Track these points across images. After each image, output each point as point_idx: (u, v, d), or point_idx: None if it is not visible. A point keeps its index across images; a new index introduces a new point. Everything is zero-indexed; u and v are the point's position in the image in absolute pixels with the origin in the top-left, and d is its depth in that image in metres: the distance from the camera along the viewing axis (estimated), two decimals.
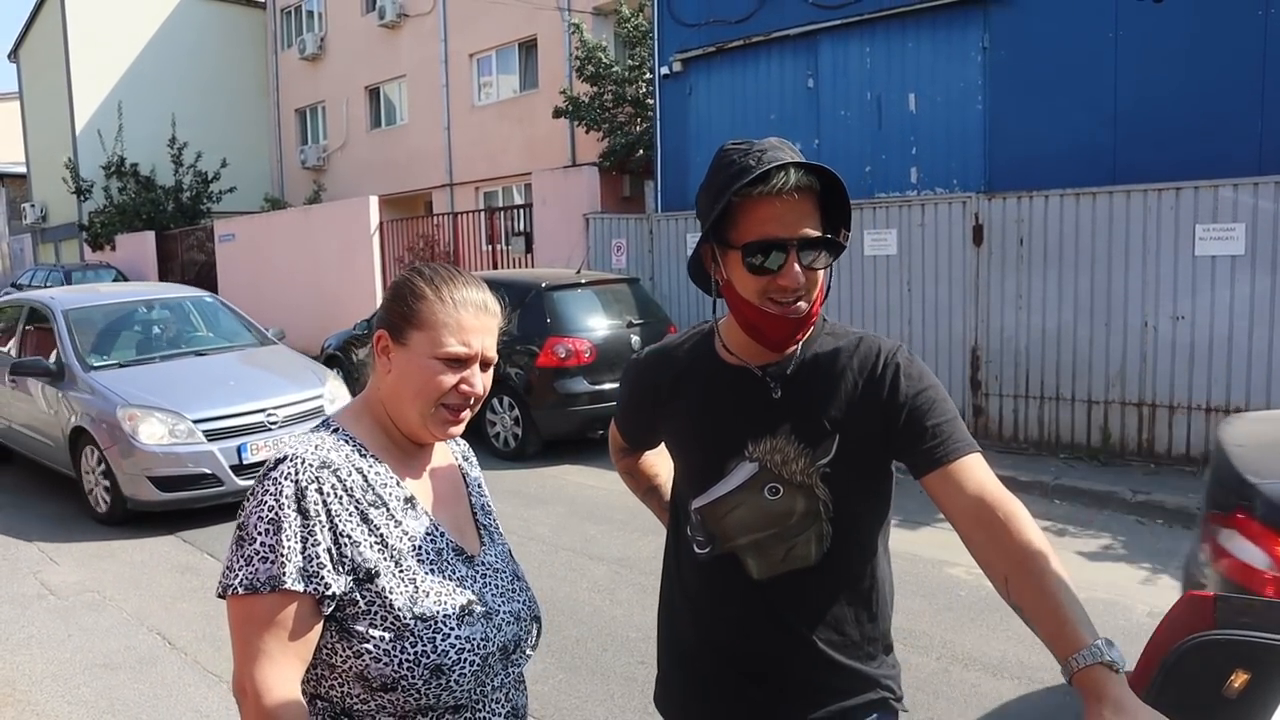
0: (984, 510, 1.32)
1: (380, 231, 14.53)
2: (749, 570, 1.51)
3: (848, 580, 1.52)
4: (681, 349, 1.63)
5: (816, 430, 1.46)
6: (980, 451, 1.41)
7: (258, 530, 1.24)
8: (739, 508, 1.49)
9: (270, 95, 25.76)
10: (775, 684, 1.53)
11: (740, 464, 1.49)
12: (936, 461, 1.38)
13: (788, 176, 1.37)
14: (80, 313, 7.62)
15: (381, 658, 1.26)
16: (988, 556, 1.31)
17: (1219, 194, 6.73)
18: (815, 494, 1.47)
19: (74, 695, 3.93)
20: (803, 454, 1.46)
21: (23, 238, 32.19)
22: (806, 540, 1.48)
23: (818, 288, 1.43)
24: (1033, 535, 1.28)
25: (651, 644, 4.24)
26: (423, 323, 1.36)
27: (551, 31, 17.26)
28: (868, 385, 1.46)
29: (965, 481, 1.35)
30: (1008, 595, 1.29)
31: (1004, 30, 8.54)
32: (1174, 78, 7.52)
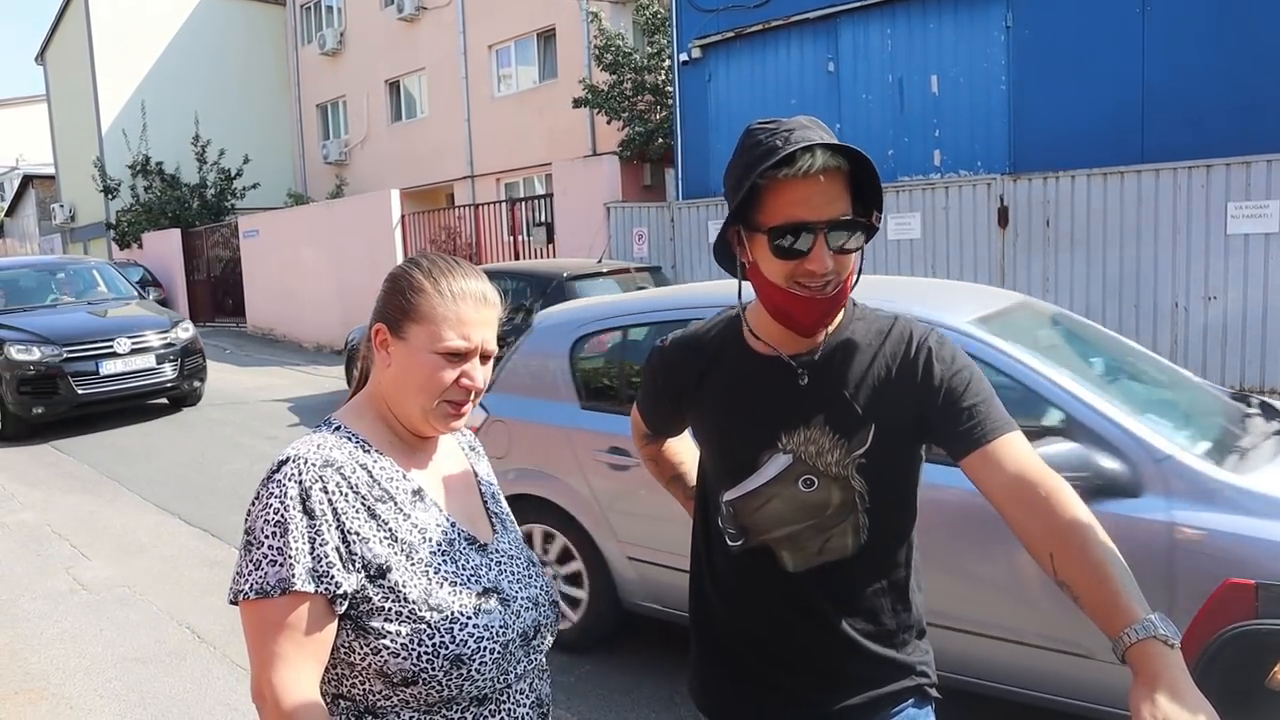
0: (1025, 488, 1.29)
1: (402, 224, 14.58)
2: (783, 563, 1.49)
3: (884, 569, 1.50)
4: (708, 336, 1.58)
5: (851, 420, 1.43)
6: (1018, 429, 1.37)
7: (264, 534, 1.23)
8: (773, 500, 1.46)
9: (291, 91, 25.93)
10: (808, 673, 1.51)
11: (774, 456, 1.46)
12: (975, 442, 1.35)
13: (814, 158, 1.31)
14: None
15: (400, 652, 1.25)
16: (1031, 534, 1.28)
17: (1251, 171, 6.60)
18: (851, 485, 1.44)
19: (105, 689, 3.97)
20: (838, 445, 1.43)
21: (52, 238, 32.66)
22: (843, 531, 1.46)
23: (848, 271, 1.38)
24: (1077, 509, 1.25)
25: (673, 634, 4.23)
26: (421, 316, 1.34)
27: (570, 21, 17.22)
28: (901, 371, 1.42)
29: (1005, 460, 1.32)
30: (1054, 573, 1.25)
31: (1027, 8, 8.40)
32: (1203, 53, 7.37)
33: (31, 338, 9.38)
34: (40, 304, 10.74)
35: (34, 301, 10.75)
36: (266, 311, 18.23)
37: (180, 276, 21.81)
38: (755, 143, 1.37)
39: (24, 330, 9.53)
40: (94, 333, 9.68)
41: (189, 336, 10.36)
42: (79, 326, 9.88)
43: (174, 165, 23.55)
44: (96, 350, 9.46)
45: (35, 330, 9.54)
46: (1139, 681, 1.08)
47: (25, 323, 9.76)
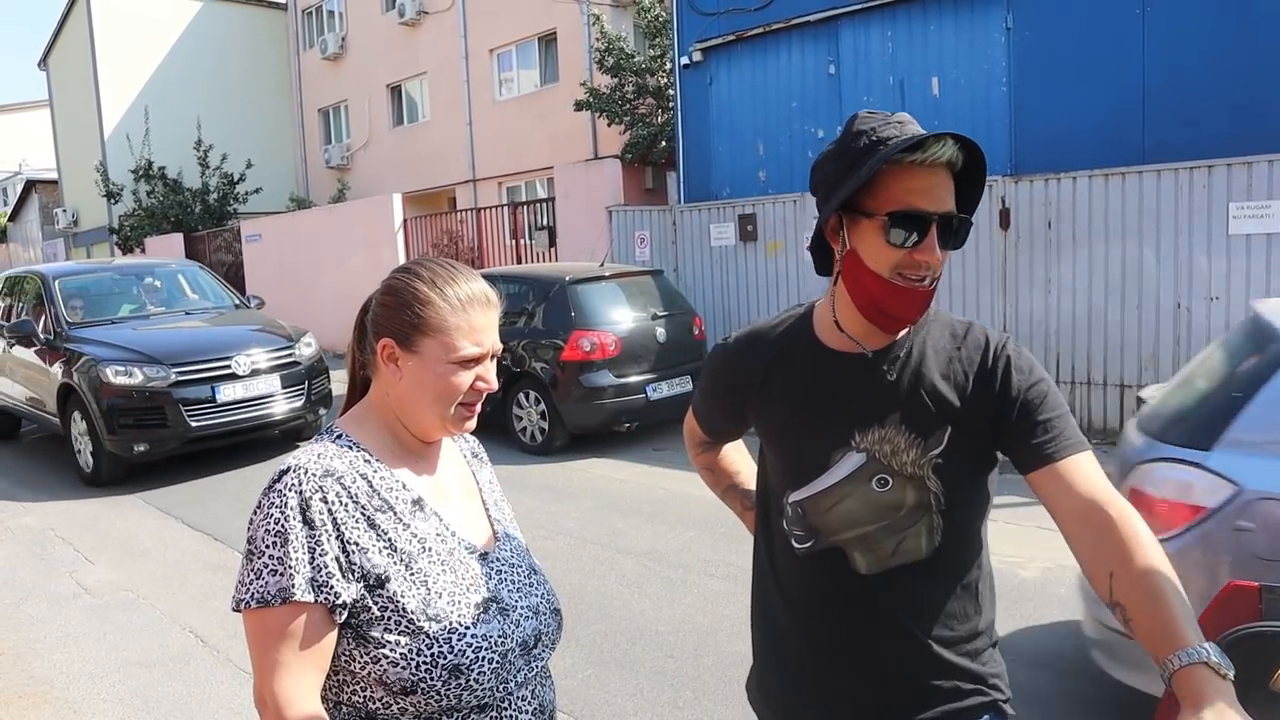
0: (1094, 509, 1.26)
1: (404, 228, 14.60)
2: (856, 565, 1.45)
3: (957, 573, 1.47)
4: (775, 333, 1.55)
5: (928, 420, 1.40)
6: (1090, 449, 1.35)
7: (265, 543, 1.24)
8: (845, 500, 1.43)
9: (293, 96, 25.96)
10: (879, 683, 1.47)
11: (847, 454, 1.43)
12: (1047, 458, 1.32)
13: (945, 147, 1.32)
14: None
15: (399, 661, 1.26)
16: (1094, 555, 1.25)
17: (1252, 171, 6.59)
18: (926, 486, 1.41)
19: (109, 693, 3.97)
20: (914, 444, 1.40)
21: (55, 242, 32.69)
22: (917, 533, 1.43)
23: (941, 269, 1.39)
24: (1142, 534, 1.23)
25: (680, 637, 4.24)
26: (432, 329, 1.33)
27: (571, 24, 17.24)
28: (979, 375, 1.41)
29: (1075, 479, 1.30)
30: (1109, 594, 1.22)
31: (1028, 10, 8.40)
32: (1203, 53, 7.37)
33: (132, 356, 7.42)
34: (127, 315, 8.71)
35: (116, 312, 8.74)
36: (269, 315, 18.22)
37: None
38: (868, 129, 1.36)
39: (121, 347, 7.59)
40: (206, 349, 7.70)
41: (313, 353, 8.51)
42: (187, 342, 7.91)
43: (176, 170, 23.58)
44: (212, 371, 7.49)
45: (135, 347, 7.59)
46: (1185, 706, 1.05)
47: (119, 337, 7.84)
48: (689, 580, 4.94)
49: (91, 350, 7.58)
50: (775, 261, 9.74)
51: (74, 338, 7.91)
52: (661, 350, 8.21)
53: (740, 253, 10.04)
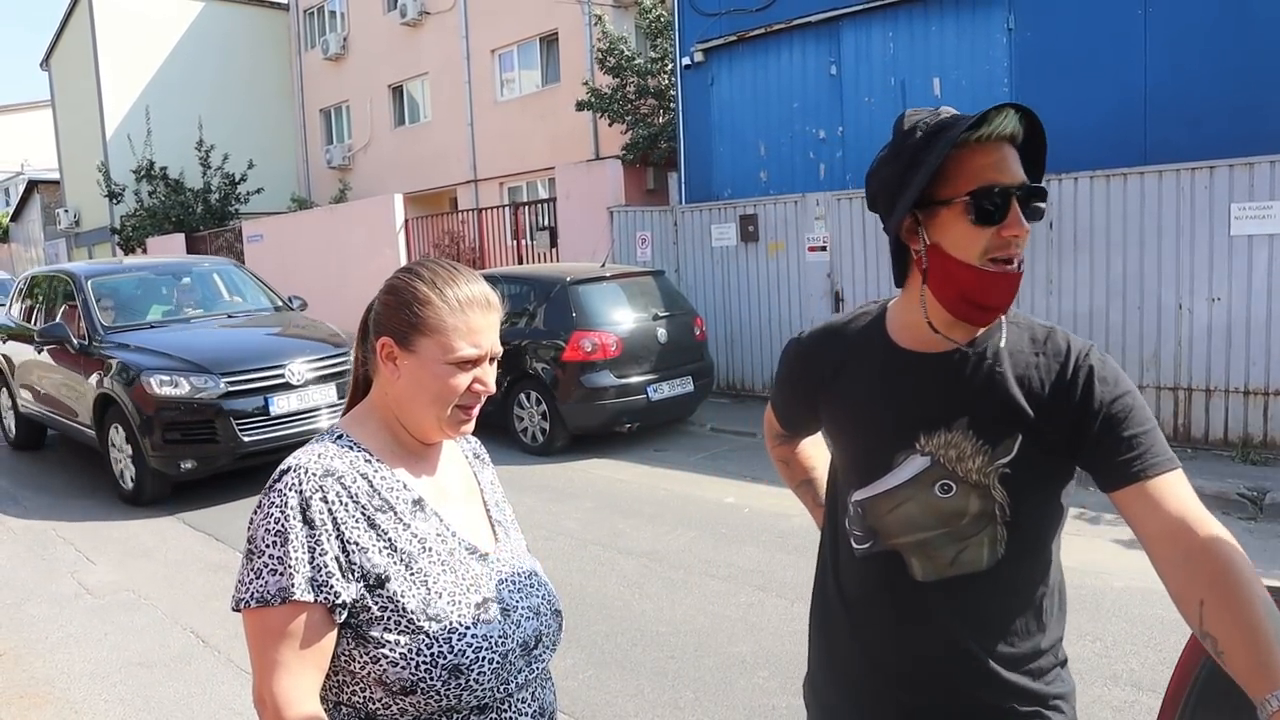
0: (1184, 531, 1.19)
1: (406, 229, 14.60)
2: (912, 571, 1.40)
3: (1021, 588, 1.40)
4: (850, 329, 1.52)
5: (998, 427, 1.34)
6: (1180, 467, 1.27)
7: (265, 543, 1.24)
8: (906, 504, 1.39)
9: (295, 96, 25.98)
10: (928, 693, 1.42)
11: (910, 457, 1.38)
12: (1133, 476, 1.25)
13: (1006, 118, 1.28)
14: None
15: (399, 661, 1.26)
16: (1183, 580, 1.18)
17: (1254, 172, 6.59)
18: (991, 495, 1.35)
19: (111, 693, 3.98)
20: (981, 451, 1.34)
21: (57, 242, 32.71)
22: (979, 543, 1.37)
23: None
24: (1239, 562, 1.16)
25: (680, 638, 4.24)
26: (431, 329, 1.33)
27: (572, 25, 17.24)
28: (1056, 385, 1.33)
29: (1165, 499, 1.23)
30: (1200, 623, 1.15)
31: (1029, 10, 8.40)
32: (1205, 54, 7.36)
33: (179, 365, 6.77)
34: (165, 318, 8.08)
35: (152, 314, 8.10)
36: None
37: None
38: (920, 122, 1.34)
39: (164, 354, 6.94)
40: (256, 357, 7.02)
41: None
42: (235, 348, 7.25)
43: (178, 170, 23.59)
44: (264, 381, 6.82)
45: (180, 354, 6.92)
46: None
47: (160, 343, 7.20)
48: (690, 581, 4.94)
49: (132, 357, 6.95)
50: (776, 262, 9.74)
51: (111, 343, 7.29)
52: (663, 351, 8.21)
53: (741, 253, 10.04)
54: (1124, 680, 3.64)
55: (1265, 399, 6.68)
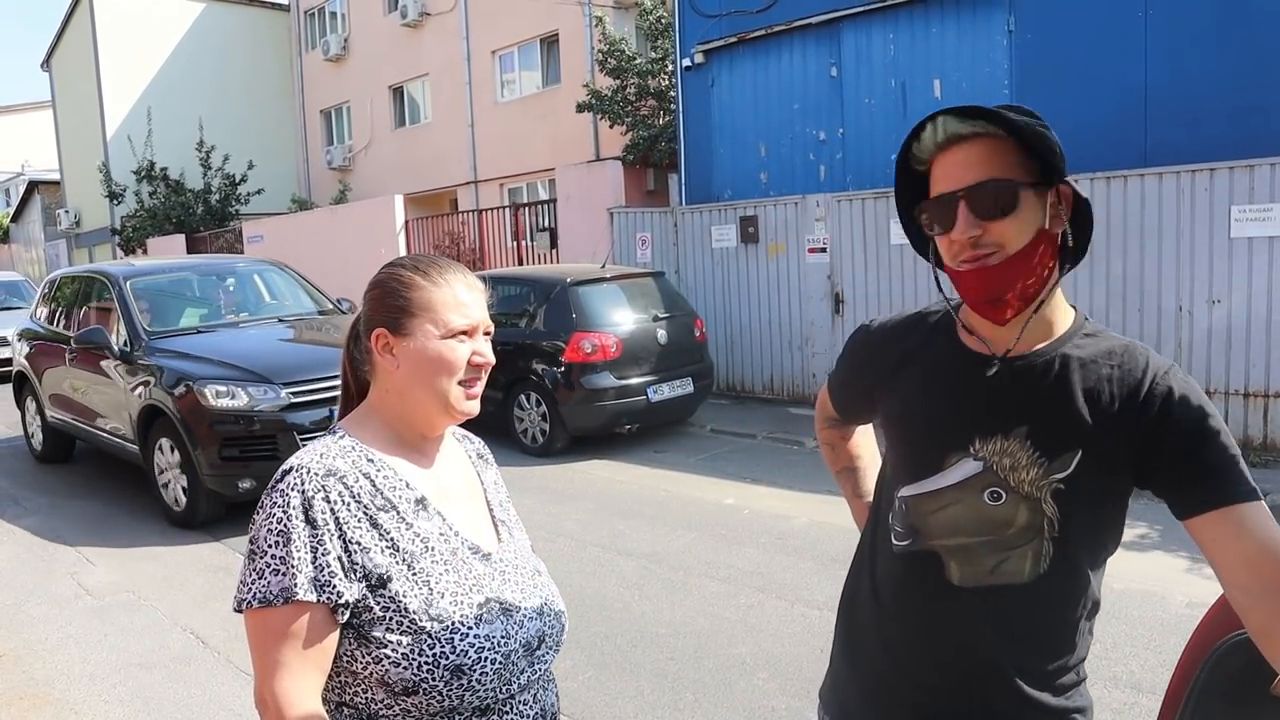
0: (1265, 565, 1.14)
1: (406, 230, 14.61)
2: (949, 574, 1.37)
3: (1058, 604, 1.35)
4: (921, 324, 1.49)
5: (1057, 439, 1.29)
6: (1263, 499, 1.22)
7: (267, 543, 1.24)
8: (952, 506, 1.35)
9: (295, 97, 26.00)
10: (948, 698, 1.39)
11: (963, 460, 1.34)
12: (1212, 503, 1.20)
13: (936, 126, 1.28)
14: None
15: (401, 662, 1.26)
16: (1266, 617, 1.13)
17: (1255, 174, 6.59)
18: (1042, 509, 1.30)
19: (110, 694, 3.98)
20: (1037, 463, 1.29)
21: (58, 243, 32.73)
22: (1022, 555, 1.32)
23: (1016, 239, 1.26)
24: None
25: (680, 640, 4.24)
26: (421, 308, 1.37)
27: (573, 26, 17.25)
28: (1128, 402, 1.27)
29: (1246, 529, 1.17)
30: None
31: (1030, 12, 8.40)
32: (1206, 56, 7.37)
33: (236, 373, 6.15)
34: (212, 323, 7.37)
35: (196, 318, 7.42)
36: None
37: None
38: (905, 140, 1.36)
39: (218, 362, 6.29)
40: (317, 364, 6.32)
41: None
42: (293, 356, 6.64)
43: (179, 170, 23.61)
44: (329, 391, 6.10)
45: (236, 362, 6.29)
46: None
47: (211, 349, 6.53)
48: (690, 582, 4.93)
49: (182, 365, 6.26)
50: (776, 263, 9.74)
51: (157, 349, 6.58)
52: (663, 352, 8.21)
53: (741, 255, 10.04)
54: (1124, 682, 3.64)
55: (1265, 401, 6.68)
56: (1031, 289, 1.30)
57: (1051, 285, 1.33)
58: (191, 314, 7.50)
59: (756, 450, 7.96)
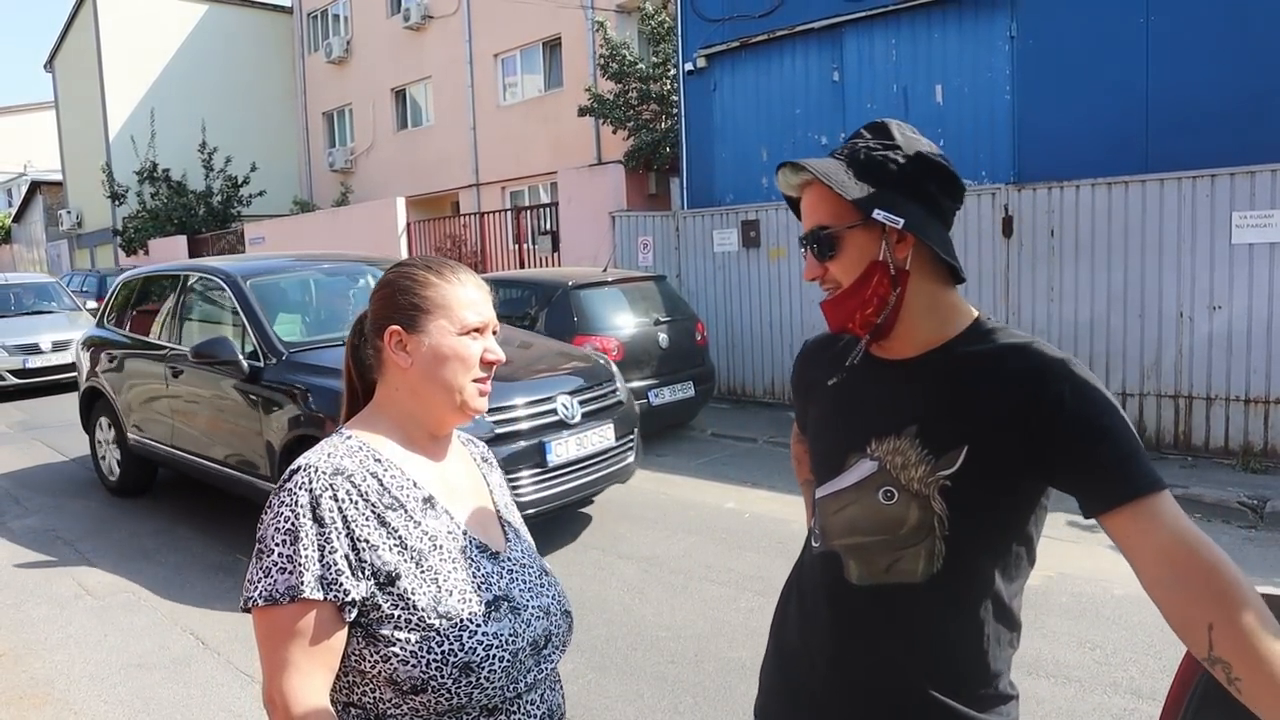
0: (1181, 552, 1.16)
1: (408, 232, 14.63)
2: (848, 573, 1.41)
3: (956, 605, 1.36)
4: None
5: (943, 437, 1.32)
6: (1167, 487, 1.22)
7: (275, 541, 1.25)
8: (850, 506, 1.40)
9: (298, 99, 26.04)
10: (854, 702, 1.42)
11: (861, 460, 1.39)
12: (1119, 499, 1.20)
13: (785, 174, 1.42)
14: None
15: (409, 659, 1.26)
16: (1183, 606, 1.15)
17: (1256, 180, 6.60)
18: (931, 506, 1.32)
19: (110, 695, 3.98)
20: (925, 460, 1.32)
21: (59, 243, 32.78)
22: (915, 554, 1.34)
23: (848, 275, 1.35)
24: (1245, 584, 1.13)
25: (680, 643, 4.24)
26: (436, 306, 1.39)
27: (575, 30, 17.28)
28: (1021, 399, 1.27)
29: (1156, 521, 1.18)
30: (1209, 648, 1.13)
31: (1032, 18, 8.42)
32: (1208, 62, 7.37)
33: None
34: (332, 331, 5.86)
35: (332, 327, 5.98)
36: None
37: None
38: None
39: None
40: (517, 387, 5.24)
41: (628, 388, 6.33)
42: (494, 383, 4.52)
43: (181, 172, 23.66)
44: (535, 419, 5.16)
45: None
46: None
47: None
48: (690, 586, 4.94)
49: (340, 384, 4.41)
50: (778, 268, 9.75)
51: (300, 365, 5.37)
52: (664, 356, 8.22)
53: (743, 259, 10.05)
54: (1124, 688, 3.64)
55: (1266, 407, 6.68)
56: (871, 316, 1.36)
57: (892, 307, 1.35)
58: (329, 323, 6.16)
59: (757, 454, 7.96)
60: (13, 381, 12.20)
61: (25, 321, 13.12)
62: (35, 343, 12.40)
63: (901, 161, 1.34)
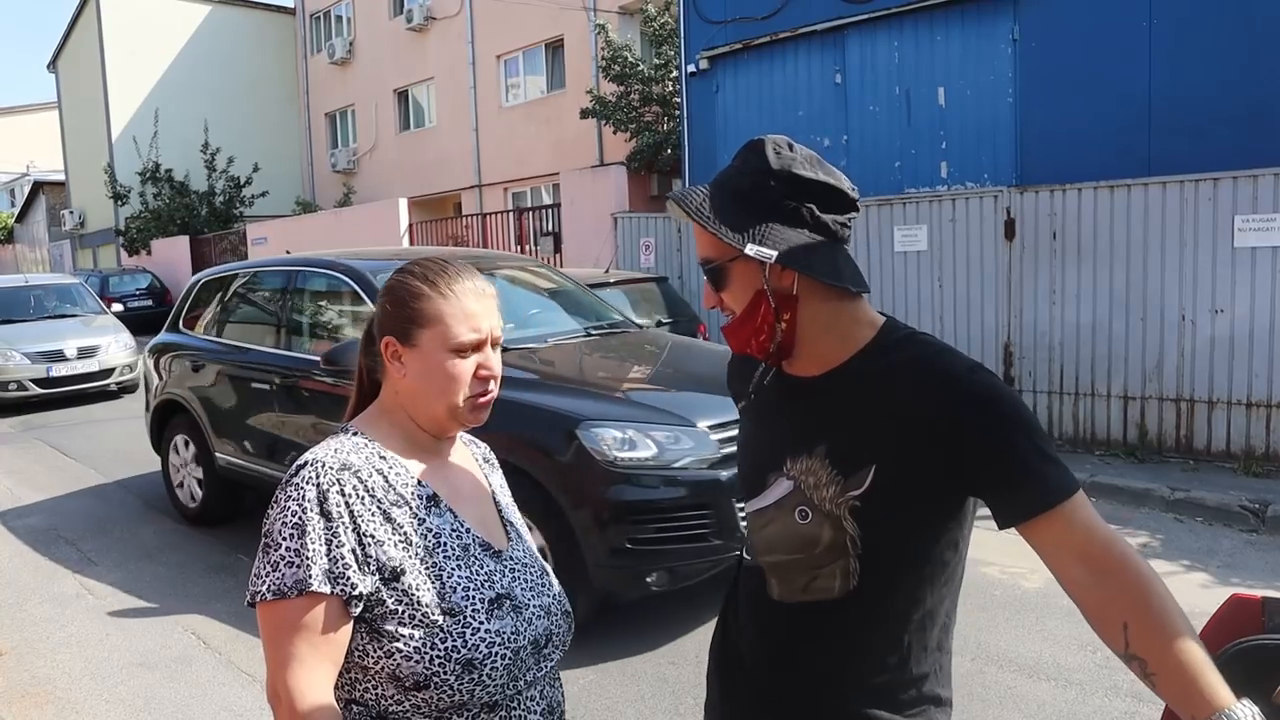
0: (1095, 553, 1.18)
1: (410, 233, 14.64)
2: (770, 589, 1.42)
3: (876, 620, 1.35)
4: None
5: (850, 456, 1.29)
6: (1080, 488, 1.22)
7: (282, 535, 1.25)
8: (771, 524, 1.40)
9: (300, 100, 26.07)
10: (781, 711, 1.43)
11: (779, 479, 1.38)
12: (1031, 507, 1.20)
13: (672, 206, 1.41)
14: None
15: (412, 655, 1.27)
16: (1100, 605, 1.17)
17: (1259, 184, 6.59)
18: (844, 526, 1.30)
19: (111, 694, 3.98)
20: (834, 480, 1.31)
21: (62, 243, 32.82)
22: (831, 573, 1.33)
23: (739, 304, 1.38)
24: (1156, 582, 1.16)
25: (682, 645, 4.22)
26: (428, 320, 1.37)
27: (578, 32, 17.29)
28: (923, 414, 1.24)
29: (1067, 528, 1.20)
30: (1124, 646, 1.15)
31: (1034, 21, 8.42)
32: (1210, 65, 7.38)
33: (654, 417, 4.09)
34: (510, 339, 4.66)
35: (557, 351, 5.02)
36: None
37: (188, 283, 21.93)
38: None
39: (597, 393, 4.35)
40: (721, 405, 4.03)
41: None
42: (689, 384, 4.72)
43: (183, 172, 23.69)
44: None
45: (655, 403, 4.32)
46: None
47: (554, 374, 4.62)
48: (692, 587, 4.93)
49: (540, 399, 4.19)
50: None
51: None
52: None
53: None
54: (1124, 691, 3.63)
55: (1268, 411, 6.67)
56: (765, 342, 1.36)
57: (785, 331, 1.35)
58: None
59: None
60: (35, 392, 11.19)
61: (47, 326, 12.17)
62: (59, 349, 11.40)
63: (773, 185, 1.32)
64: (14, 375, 11.06)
